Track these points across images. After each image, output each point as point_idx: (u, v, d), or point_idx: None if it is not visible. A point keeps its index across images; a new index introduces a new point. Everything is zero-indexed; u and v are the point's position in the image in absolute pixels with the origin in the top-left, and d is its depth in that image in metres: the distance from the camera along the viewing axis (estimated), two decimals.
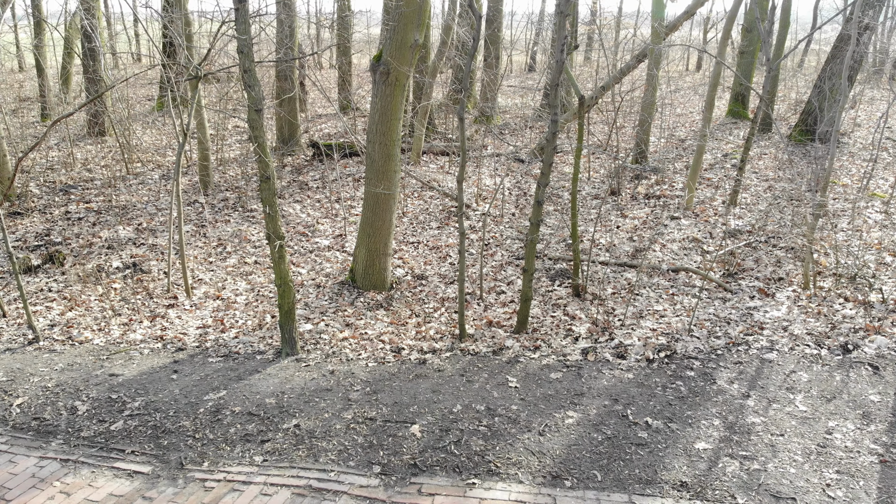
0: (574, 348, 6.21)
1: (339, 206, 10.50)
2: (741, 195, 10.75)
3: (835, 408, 5.14)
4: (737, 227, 9.33)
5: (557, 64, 5.23)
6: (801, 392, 5.35)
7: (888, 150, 13.70)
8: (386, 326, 6.82)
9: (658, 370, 5.74)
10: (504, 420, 5.02)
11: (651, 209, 10.25)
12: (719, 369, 5.73)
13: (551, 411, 5.13)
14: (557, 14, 5.03)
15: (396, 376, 5.74)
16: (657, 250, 8.76)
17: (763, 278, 7.69)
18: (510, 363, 5.96)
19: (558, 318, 6.93)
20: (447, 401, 5.28)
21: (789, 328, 6.41)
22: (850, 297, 7.02)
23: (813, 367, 5.74)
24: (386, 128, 7.09)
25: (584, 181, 11.88)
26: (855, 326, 6.35)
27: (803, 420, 4.98)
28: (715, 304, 7.13)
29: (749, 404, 5.19)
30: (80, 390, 5.71)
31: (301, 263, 8.62)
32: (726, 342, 6.20)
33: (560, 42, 5.11)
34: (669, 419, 5.00)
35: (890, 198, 10.54)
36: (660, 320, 6.77)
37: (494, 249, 9.00)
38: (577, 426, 4.93)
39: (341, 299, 7.48)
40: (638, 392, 5.39)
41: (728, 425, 4.92)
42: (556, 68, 5.25)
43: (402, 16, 6.70)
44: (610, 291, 7.59)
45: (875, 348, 5.97)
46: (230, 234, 9.59)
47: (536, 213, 6.09)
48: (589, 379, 5.62)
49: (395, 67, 6.84)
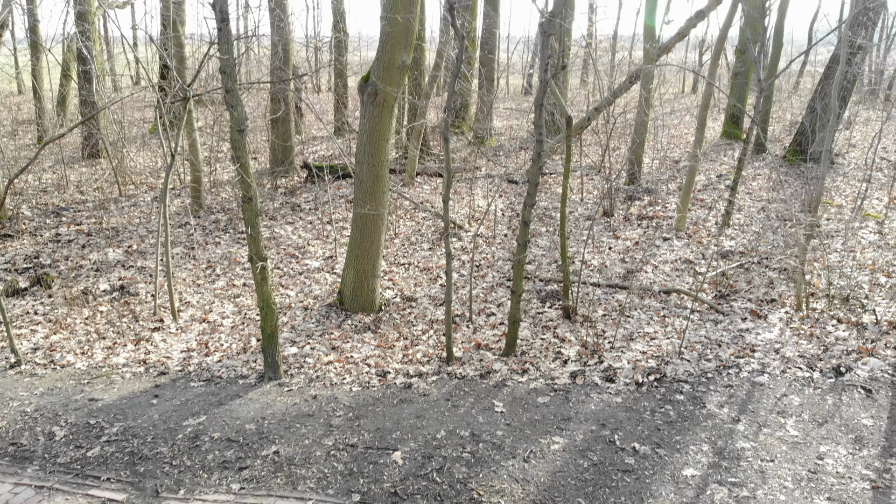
0: (563, 371, 6.11)
1: (330, 228, 10.45)
2: (735, 216, 10.70)
3: (826, 432, 5.03)
4: (729, 248, 9.27)
5: (542, 84, 5.20)
6: (792, 416, 5.25)
7: (883, 171, 13.69)
8: (373, 349, 6.72)
9: (647, 394, 5.64)
10: (488, 446, 4.91)
11: (643, 230, 10.19)
12: (709, 393, 5.62)
13: (537, 437, 5.02)
14: (541, 33, 5.01)
15: (380, 401, 5.63)
16: (649, 272, 8.69)
17: (755, 300, 7.60)
18: (497, 387, 5.86)
19: (548, 341, 6.83)
20: (431, 426, 5.17)
21: (781, 350, 6.31)
22: (843, 319, 6.93)
23: (805, 390, 5.64)
24: (374, 148, 7.06)
25: (577, 202, 11.84)
26: (848, 349, 6.26)
27: (794, 445, 4.87)
28: (706, 327, 7.04)
29: (739, 429, 5.08)
30: (58, 415, 5.60)
31: (290, 286, 8.54)
32: (717, 365, 6.10)
33: (544, 61, 5.08)
34: (657, 445, 4.89)
35: (884, 218, 10.49)
36: (650, 343, 6.68)
37: (486, 271, 8.93)
38: (562, 452, 4.82)
39: (328, 322, 7.39)
40: (626, 417, 5.28)
41: (717, 451, 4.82)
42: (541, 88, 5.23)
43: (389, 37, 6.70)
44: (601, 313, 7.50)
45: (868, 371, 5.87)
46: (220, 256, 9.53)
47: (523, 234, 6.03)
48: (577, 403, 5.52)
49: (382, 88, 6.82)
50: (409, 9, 6.56)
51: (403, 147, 14.19)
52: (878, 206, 11.14)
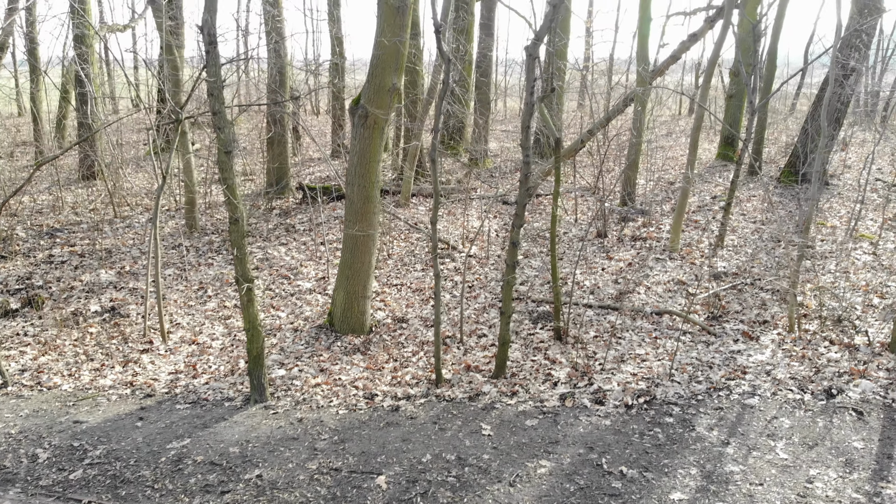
0: (552, 394, 6.06)
1: (324, 249, 10.45)
2: (729, 237, 10.69)
3: (817, 455, 4.97)
4: (722, 269, 9.25)
5: (527, 106, 5.22)
6: (782, 439, 5.19)
7: (878, 192, 13.71)
8: (361, 372, 6.67)
9: (636, 416, 5.58)
10: (474, 470, 4.85)
11: (637, 251, 10.18)
12: (699, 415, 5.57)
13: (524, 460, 4.97)
14: (527, 56, 5.04)
15: (367, 424, 5.58)
16: (641, 293, 8.66)
17: (748, 321, 7.57)
18: (486, 409, 5.80)
19: (538, 363, 6.79)
20: (417, 450, 5.12)
21: (772, 372, 6.26)
22: (835, 341, 6.89)
23: (795, 412, 5.58)
24: (364, 170, 7.08)
25: (571, 223, 11.85)
26: (840, 370, 6.21)
27: (783, 468, 4.81)
28: (698, 348, 6.99)
29: (728, 452, 5.02)
30: (42, 437, 5.55)
31: (281, 307, 8.51)
32: (707, 387, 6.05)
33: (529, 84, 5.11)
34: (645, 468, 4.83)
35: (878, 239, 10.48)
36: (641, 364, 6.63)
37: (478, 292, 8.91)
38: (549, 476, 4.76)
39: (318, 344, 7.35)
40: (614, 440, 5.22)
41: (705, 474, 4.75)
42: (526, 110, 5.25)
43: (379, 60, 6.75)
44: (592, 335, 7.46)
45: (860, 393, 5.82)
46: (212, 277, 9.51)
47: (512, 255, 6.02)
48: (565, 426, 5.46)
49: (372, 111, 6.86)
50: (399, 33, 6.61)
51: (399, 168, 14.23)
52: (873, 227, 11.14)
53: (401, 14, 6.58)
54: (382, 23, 6.65)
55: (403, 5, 6.55)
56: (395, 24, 6.60)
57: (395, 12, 6.56)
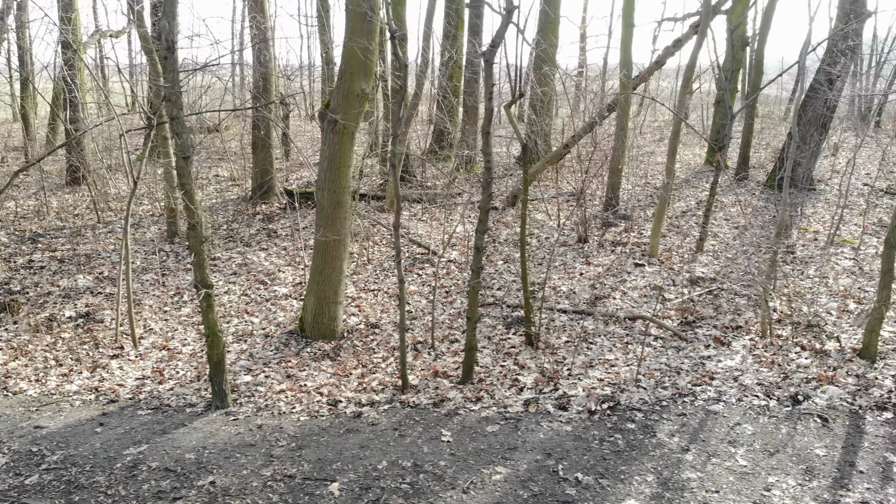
0: (517, 399, 6.02)
1: (303, 254, 10.43)
2: (710, 242, 10.66)
3: (777, 462, 4.93)
4: (701, 274, 9.21)
5: (487, 112, 5.21)
6: (743, 445, 5.15)
7: (864, 196, 13.67)
8: (328, 378, 6.64)
9: (598, 422, 5.54)
10: (429, 477, 4.82)
11: (616, 256, 10.15)
12: (662, 421, 5.53)
13: (480, 467, 4.93)
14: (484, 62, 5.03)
15: (327, 431, 5.54)
16: (617, 298, 8.62)
17: (720, 326, 7.53)
18: (449, 416, 5.77)
19: (507, 368, 6.75)
20: (374, 457, 5.08)
21: (740, 378, 6.22)
22: (806, 346, 6.84)
23: (760, 418, 5.54)
24: (335, 175, 7.06)
25: (554, 228, 11.82)
26: (808, 376, 6.17)
27: (742, 475, 4.77)
28: (668, 354, 6.95)
29: (687, 459, 4.98)
30: (2, 442, 5.52)
31: (256, 312, 8.49)
32: (673, 393, 6.01)
33: (488, 90, 5.10)
34: (601, 475, 4.79)
35: (860, 244, 10.44)
36: (609, 370, 6.59)
37: (454, 297, 8.88)
38: (503, 483, 4.72)
39: (287, 350, 7.32)
40: (573, 446, 5.18)
41: (662, 481, 4.71)
42: (487, 116, 5.23)
43: (347, 66, 6.74)
44: (564, 340, 7.43)
45: (826, 399, 5.78)
46: (189, 283, 9.49)
47: (477, 260, 6.00)
48: (526, 432, 5.42)
49: (342, 116, 6.85)
50: (367, 38, 6.61)
51: (385, 173, 14.23)
52: (857, 232, 11.10)
53: (367, 20, 6.57)
54: (349, 28, 6.65)
55: (370, 11, 6.55)
56: (361, 29, 6.59)
57: (362, 18, 6.56)
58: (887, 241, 6.13)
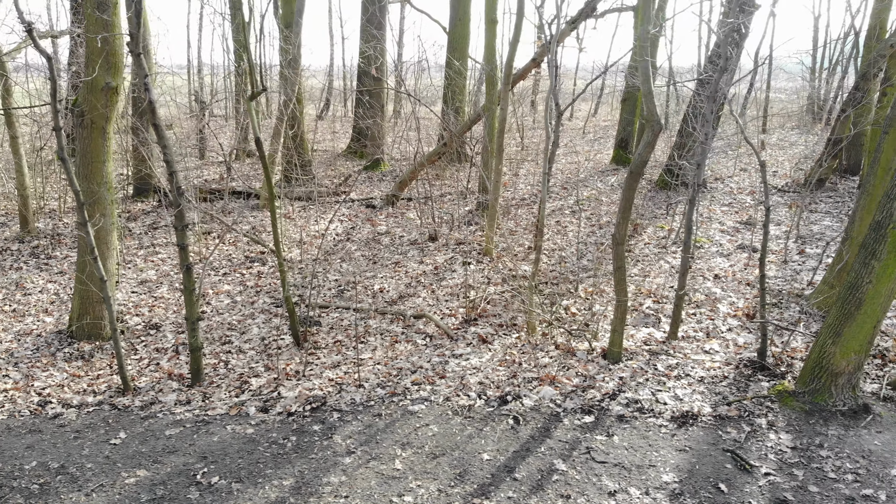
0: (231, 401, 5.86)
1: (142, 254, 10.29)
2: (555, 241, 10.48)
3: (434, 466, 4.75)
4: (524, 272, 9.02)
5: (149, 103, 5.06)
6: (411, 448, 4.97)
7: (755, 195, 13.44)
8: (63, 378, 6.50)
9: (284, 425, 5.37)
10: (66, 478, 4.66)
11: (452, 255, 9.97)
12: (352, 422, 5.35)
13: (126, 469, 4.76)
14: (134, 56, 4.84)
15: (10, 431, 5.38)
16: (425, 296, 8.45)
17: (496, 324, 7.35)
18: (146, 418, 5.60)
19: (252, 370, 6.59)
20: (30, 458, 4.92)
21: (466, 377, 6.04)
22: (561, 346, 6.66)
23: (454, 419, 5.36)
24: (88, 171, 6.92)
25: (415, 227, 11.66)
26: (533, 376, 5.98)
27: (386, 480, 4.59)
28: (425, 352, 6.78)
29: (345, 462, 4.81)
30: None
31: (53, 311, 8.35)
32: (388, 392, 5.83)
33: (141, 81, 4.94)
34: (240, 479, 4.62)
35: (710, 244, 10.24)
36: (350, 369, 6.42)
37: (261, 297, 8.71)
38: (134, 486, 4.56)
39: (48, 349, 7.18)
40: (238, 448, 5.01)
41: (298, 486, 4.54)
42: (150, 108, 5.08)
43: (88, 59, 6.60)
44: (334, 340, 7.26)
45: (536, 399, 5.59)
46: (10, 282, 9.36)
47: (183, 258, 5.84)
48: (204, 435, 5.26)
49: (89, 110, 6.71)
50: (102, 30, 6.46)
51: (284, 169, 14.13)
52: (722, 230, 10.90)
53: (103, 10, 6.42)
54: (87, 23, 6.50)
55: (104, 2, 6.40)
56: (97, 21, 6.44)
57: (96, 8, 6.41)
58: (614, 238, 5.95)
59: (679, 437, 5.05)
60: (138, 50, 4.71)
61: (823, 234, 10.45)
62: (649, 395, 5.55)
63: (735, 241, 10.27)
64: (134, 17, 4.60)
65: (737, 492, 4.42)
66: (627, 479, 4.57)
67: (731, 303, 7.78)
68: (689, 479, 4.56)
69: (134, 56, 4.74)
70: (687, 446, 4.92)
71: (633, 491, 4.43)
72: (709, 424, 5.19)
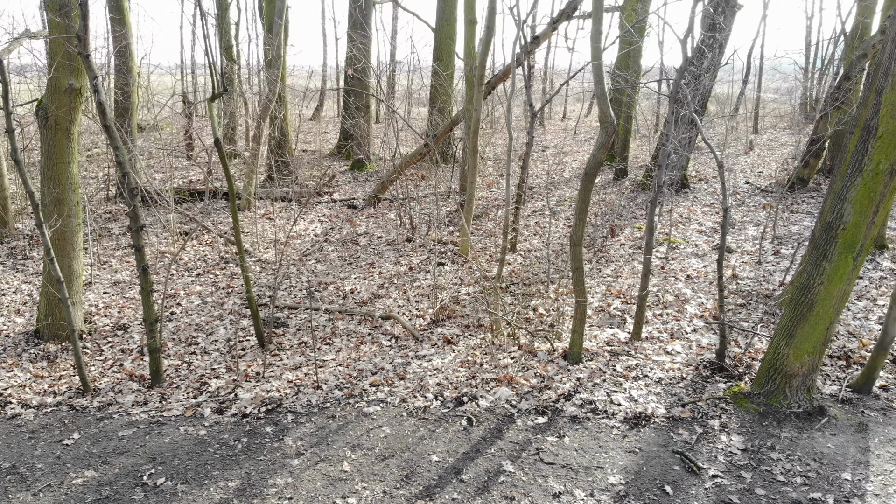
0: (185, 403, 5.86)
1: (119, 255, 10.30)
2: (531, 241, 10.48)
3: (382, 468, 4.74)
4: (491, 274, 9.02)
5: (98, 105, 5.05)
6: (362, 450, 4.97)
7: (738, 195, 13.43)
8: (26, 379, 6.50)
9: (237, 426, 5.37)
10: (16, 478, 4.68)
11: (428, 255, 9.98)
12: (305, 424, 5.35)
13: (75, 469, 4.77)
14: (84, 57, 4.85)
15: None
16: (396, 297, 8.45)
17: (462, 325, 7.35)
18: (102, 419, 5.61)
19: (214, 371, 6.59)
20: None
21: (425, 378, 6.04)
22: (523, 347, 6.65)
23: (407, 420, 5.36)
24: (52, 172, 6.93)
25: (394, 228, 11.66)
26: (491, 377, 5.98)
27: (332, 482, 4.58)
28: (389, 353, 6.78)
29: (293, 463, 4.80)
30: None
31: (25, 312, 8.36)
32: (346, 394, 5.83)
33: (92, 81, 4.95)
34: (186, 480, 4.62)
35: (685, 244, 10.23)
36: (309, 370, 6.42)
37: (231, 299, 8.71)
38: (81, 486, 4.56)
39: (14, 349, 7.19)
40: (187, 449, 5.01)
41: (243, 487, 4.54)
42: (100, 110, 5.08)
43: (52, 59, 6.61)
44: (298, 341, 7.26)
45: (492, 400, 5.59)
46: None
47: (140, 260, 5.84)
48: (156, 436, 5.26)
49: (53, 111, 6.71)
50: (68, 30, 6.47)
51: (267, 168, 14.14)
52: (700, 230, 10.89)
53: (64, 14, 6.43)
54: (49, 24, 6.51)
55: (66, 5, 6.40)
56: (59, 25, 6.45)
57: (58, 11, 6.41)
58: (571, 239, 5.95)
59: (630, 438, 5.04)
60: (87, 52, 4.72)
61: (801, 235, 10.44)
62: (604, 396, 5.54)
63: (711, 242, 10.26)
64: (81, 20, 4.61)
65: (682, 494, 4.42)
66: (574, 480, 4.56)
67: (700, 304, 7.78)
68: (635, 480, 4.56)
69: (82, 58, 4.74)
70: (637, 448, 4.92)
71: (577, 493, 4.42)
72: (661, 426, 5.18)
